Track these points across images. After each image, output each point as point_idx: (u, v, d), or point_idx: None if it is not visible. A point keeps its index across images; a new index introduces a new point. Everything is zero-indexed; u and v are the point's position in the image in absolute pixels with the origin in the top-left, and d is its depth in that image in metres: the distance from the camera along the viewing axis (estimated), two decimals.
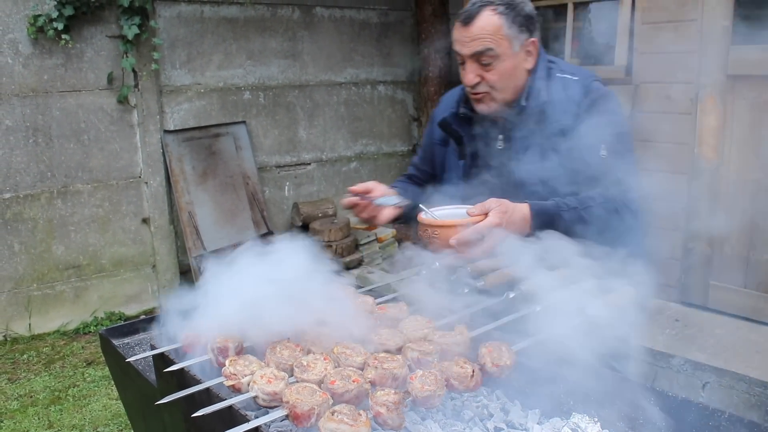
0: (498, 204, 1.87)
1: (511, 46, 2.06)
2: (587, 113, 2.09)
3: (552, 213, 1.96)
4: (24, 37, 4.99)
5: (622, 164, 2.06)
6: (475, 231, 1.82)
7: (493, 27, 2.03)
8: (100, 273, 5.58)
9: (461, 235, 1.82)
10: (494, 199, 1.89)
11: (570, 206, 1.97)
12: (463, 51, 2.08)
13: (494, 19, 2.03)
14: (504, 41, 2.04)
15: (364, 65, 6.93)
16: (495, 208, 1.85)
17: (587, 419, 1.59)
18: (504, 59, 2.06)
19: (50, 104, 5.18)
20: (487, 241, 1.83)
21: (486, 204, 1.87)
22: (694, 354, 3.88)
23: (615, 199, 2.00)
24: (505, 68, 2.08)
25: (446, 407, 1.74)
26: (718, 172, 4.36)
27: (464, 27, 2.06)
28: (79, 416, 4.10)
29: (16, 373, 4.67)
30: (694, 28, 4.34)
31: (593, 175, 2.05)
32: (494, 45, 2.03)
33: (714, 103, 4.30)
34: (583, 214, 1.98)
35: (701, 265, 4.53)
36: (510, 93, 2.12)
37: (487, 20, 2.03)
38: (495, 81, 2.08)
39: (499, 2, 2.05)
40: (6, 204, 5.10)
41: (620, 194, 2.01)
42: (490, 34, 2.03)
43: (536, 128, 2.13)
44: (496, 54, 2.04)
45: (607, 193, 2.01)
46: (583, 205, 1.99)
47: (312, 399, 1.35)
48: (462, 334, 1.64)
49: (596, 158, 2.05)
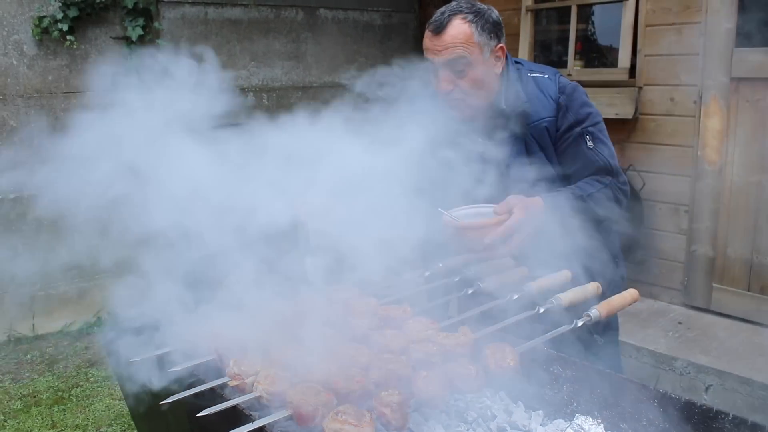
0: (519, 201, 1.94)
1: (482, 52, 2.10)
2: (567, 108, 2.17)
3: (562, 203, 2.02)
4: (29, 38, 5.01)
5: (607, 151, 2.20)
6: (507, 229, 1.89)
7: (465, 35, 2.07)
8: (104, 274, 5.58)
9: (494, 235, 1.88)
10: (513, 196, 1.95)
11: (576, 195, 2.08)
12: (436, 59, 2.11)
13: (465, 28, 2.07)
14: (475, 48, 2.08)
15: (367, 67, 6.93)
16: (518, 205, 1.93)
17: (591, 420, 1.59)
18: (476, 66, 2.10)
19: (55, 105, 5.19)
20: (515, 238, 1.88)
21: (508, 202, 1.94)
22: (697, 357, 3.88)
23: (611, 185, 2.16)
24: (477, 75, 2.11)
25: (450, 408, 1.74)
26: (721, 174, 4.36)
27: (436, 36, 2.10)
28: (82, 416, 4.11)
29: (20, 373, 4.68)
30: (697, 31, 4.34)
31: (584, 166, 2.17)
32: (466, 53, 2.07)
33: (717, 106, 4.30)
34: (588, 201, 2.10)
35: (704, 268, 4.53)
36: (483, 98, 2.17)
37: (458, 29, 2.07)
38: (468, 88, 2.12)
39: (468, 11, 2.09)
40: (10, 205, 5.11)
41: (614, 179, 2.17)
42: (462, 42, 2.06)
43: (519, 128, 2.18)
44: (469, 61, 2.08)
45: (604, 180, 2.16)
46: (587, 193, 2.11)
47: (316, 399, 1.36)
48: (466, 336, 1.65)
49: (585, 150, 2.16)
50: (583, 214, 2.07)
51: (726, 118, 4.28)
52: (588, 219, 2.10)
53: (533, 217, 1.95)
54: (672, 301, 4.74)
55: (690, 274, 4.61)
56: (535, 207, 1.97)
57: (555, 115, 2.17)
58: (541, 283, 2.00)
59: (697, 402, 1.45)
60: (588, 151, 2.16)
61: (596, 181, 2.16)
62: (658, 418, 1.50)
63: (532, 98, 2.17)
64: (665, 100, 4.58)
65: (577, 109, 2.18)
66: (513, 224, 1.89)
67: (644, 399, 1.52)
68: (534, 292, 1.97)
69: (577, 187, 2.12)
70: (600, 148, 2.17)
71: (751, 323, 4.28)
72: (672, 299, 4.74)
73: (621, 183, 2.20)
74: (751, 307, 4.31)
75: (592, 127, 2.18)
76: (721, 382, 3.70)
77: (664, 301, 4.76)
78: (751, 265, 4.30)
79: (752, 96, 4.16)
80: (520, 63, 2.28)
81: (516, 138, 2.19)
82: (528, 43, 5.43)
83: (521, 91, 2.17)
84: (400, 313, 1.83)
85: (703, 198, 4.46)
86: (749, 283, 4.32)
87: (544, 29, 5.65)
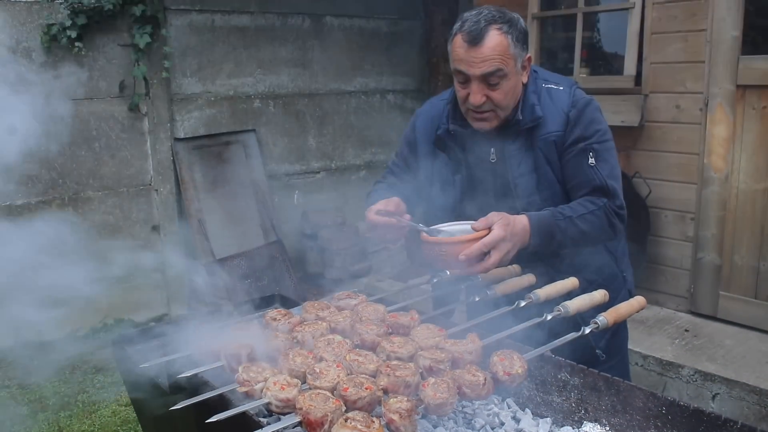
0: (500, 217, 1.91)
1: (516, 64, 2.06)
2: (576, 123, 2.14)
3: (549, 223, 2.02)
4: (37, 46, 5.04)
5: (608, 171, 2.14)
6: (482, 245, 1.86)
7: (502, 47, 2.01)
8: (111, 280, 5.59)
9: (469, 251, 1.85)
10: (495, 213, 1.93)
11: (565, 215, 2.04)
12: (472, 71, 2.03)
13: (502, 39, 2.01)
14: (510, 60, 2.04)
15: (373, 74, 6.96)
16: (498, 222, 1.90)
17: (599, 428, 1.59)
18: (510, 78, 2.06)
19: (62, 112, 5.22)
20: (493, 254, 1.87)
21: (488, 218, 1.91)
22: (704, 364, 3.87)
23: (605, 207, 2.10)
24: (509, 86, 2.08)
25: (457, 415, 1.75)
26: (727, 181, 4.35)
27: (472, 47, 2.01)
28: (88, 422, 4.12)
29: (27, 379, 4.69)
30: (703, 38, 4.34)
31: (581, 183, 2.13)
32: (503, 65, 2.02)
33: (724, 113, 4.30)
34: (577, 222, 2.06)
35: (711, 275, 4.52)
36: (510, 110, 2.13)
37: (495, 40, 2.00)
38: (500, 100, 2.07)
39: (501, 20, 2.03)
40: (18, 210, 5.14)
41: (609, 201, 2.11)
42: (500, 54, 2.01)
43: (529, 140, 2.16)
44: (504, 74, 2.04)
45: (598, 201, 2.11)
46: (577, 214, 2.06)
47: (325, 406, 1.36)
48: (474, 342, 1.65)
49: (585, 167, 2.12)
50: (572, 235, 2.05)
51: (732, 126, 4.28)
52: (576, 240, 2.08)
53: (514, 235, 1.91)
54: (678, 308, 4.72)
55: (696, 282, 4.60)
56: (518, 225, 1.94)
57: (563, 129, 2.13)
58: (548, 291, 2.01)
59: (706, 410, 1.45)
60: (588, 169, 2.11)
61: (590, 202, 2.10)
62: (667, 426, 1.50)
63: (545, 111, 2.14)
64: (671, 107, 4.58)
65: (585, 125, 2.13)
66: (490, 241, 1.85)
67: (653, 407, 1.52)
68: (541, 300, 1.98)
69: (567, 207, 2.07)
70: (601, 167, 2.11)
71: (758, 331, 4.27)
72: (678, 306, 4.73)
73: (617, 207, 2.13)
74: (758, 314, 4.29)
75: (597, 145, 2.13)
76: (729, 390, 3.68)
77: (671, 309, 4.74)
78: (758, 273, 4.29)
79: (758, 103, 4.16)
80: (535, 71, 2.23)
81: (525, 151, 2.16)
82: (534, 51, 5.44)
83: (537, 103, 2.14)
84: (408, 319, 1.83)
85: (709, 205, 4.46)
86: (756, 290, 4.31)
87: (550, 37, 5.67)
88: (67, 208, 5.33)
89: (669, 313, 4.68)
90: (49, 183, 5.24)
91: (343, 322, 1.79)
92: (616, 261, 2.31)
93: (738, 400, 3.65)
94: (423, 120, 2.39)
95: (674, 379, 3.90)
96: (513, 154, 2.16)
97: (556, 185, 2.16)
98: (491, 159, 2.20)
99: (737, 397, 3.65)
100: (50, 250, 2.03)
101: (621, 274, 2.33)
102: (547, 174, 2.15)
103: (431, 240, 1.92)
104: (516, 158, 2.16)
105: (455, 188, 2.26)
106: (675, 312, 4.70)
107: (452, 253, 1.86)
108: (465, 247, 1.85)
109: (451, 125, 2.21)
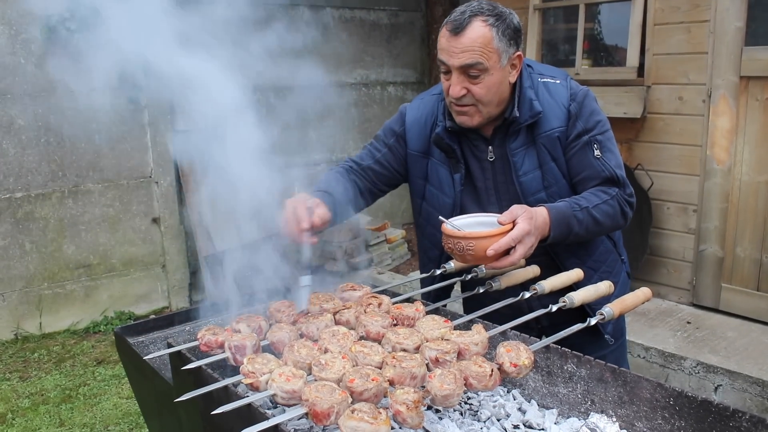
0: (523, 211, 1.90)
1: (500, 59, 2.00)
2: (577, 116, 2.12)
3: (567, 214, 2.00)
4: (36, 37, 5.01)
5: (615, 161, 2.15)
6: (511, 240, 1.84)
7: (484, 39, 1.96)
8: (111, 272, 5.59)
9: (498, 245, 1.83)
10: (518, 206, 1.92)
11: (581, 206, 2.04)
12: (451, 62, 2.00)
13: (485, 31, 1.96)
14: (493, 55, 1.98)
15: (374, 66, 6.93)
16: (522, 215, 1.88)
17: (605, 419, 1.58)
18: (492, 73, 2.00)
19: (62, 104, 5.20)
20: (519, 248, 1.86)
21: (512, 212, 1.89)
22: (706, 356, 3.87)
23: (617, 196, 2.12)
24: (492, 82, 2.02)
25: (463, 407, 1.74)
26: (730, 173, 4.34)
27: (454, 37, 1.98)
28: (90, 415, 4.11)
29: (28, 372, 4.68)
30: (706, 29, 4.32)
31: (590, 175, 2.13)
32: (484, 59, 1.97)
33: (727, 105, 4.29)
34: (593, 212, 2.06)
35: (713, 268, 4.51)
36: (494, 107, 2.08)
37: (477, 32, 1.96)
38: (482, 95, 2.02)
39: (489, 13, 1.98)
40: (18, 203, 5.12)
41: (620, 190, 2.14)
42: (481, 46, 1.96)
43: (530, 136, 2.14)
44: (485, 67, 1.98)
45: (610, 191, 2.12)
46: (592, 204, 2.07)
47: (331, 397, 1.35)
48: (480, 334, 1.64)
49: (592, 159, 2.12)
50: (587, 226, 2.05)
51: (735, 117, 4.27)
52: (592, 230, 2.08)
53: (537, 228, 1.91)
54: (680, 300, 4.72)
55: (698, 274, 4.59)
56: (540, 218, 1.93)
57: (566, 124, 2.11)
58: (553, 282, 2.00)
59: (714, 401, 1.44)
60: (595, 161, 2.10)
61: (602, 192, 2.10)
62: (674, 417, 1.49)
63: (544, 106, 2.11)
64: (674, 99, 4.57)
65: (586, 117, 2.12)
66: (517, 235, 1.84)
67: (660, 398, 1.51)
68: (546, 291, 1.97)
69: (582, 198, 2.08)
70: (607, 158, 2.12)
71: (760, 323, 4.27)
72: (680, 299, 4.72)
73: (627, 195, 2.15)
74: (760, 306, 4.29)
75: (600, 136, 2.12)
76: (731, 382, 3.68)
77: (673, 301, 4.74)
78: (760, 265, 4.28)
79: (762, 95, 4.14)
80: (530, 66, 2.19)
81: (527, 148, 2.13)
82: (536, 42, 5.42)
83: (535, 99, 2.11)
84: (413, 310, 1.82)
85: (711, 197, 4.45)
86: (758, 282, 4.30)
87: (551, 28, 5.64)
88: (66, 201, 5.31)
89: (671, 305, 4.68)
90: (49, 175, 5.22)
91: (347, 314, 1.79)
92: (615, 245, 2.32)
93: (740, 392, 3.65)
94: (413, 117, 2.31)
95: (676, 371, 3.90)
96: (515, 152, 2.13)
97: (561, 180, 2.14)
98: (489, 158, 2.17)
99: (740, 388, 3.65)
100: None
101: (620, 258, 2.35)
102: (553, 170, 2.13)
103: (457, 234, 1.88)
104: (519, 156, 2.13)
105: (455, 187, 2.22)
106: (677, 304, 4.70)
107: (480, 248, 1.84)
108: (492, 242, 1.83)
109: (449, 122, 2.17)
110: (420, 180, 2.31)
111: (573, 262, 2.17)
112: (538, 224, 1.92)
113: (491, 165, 2.18)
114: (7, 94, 4.99)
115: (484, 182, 2.20)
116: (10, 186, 5.08)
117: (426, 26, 7.09)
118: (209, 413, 1.38)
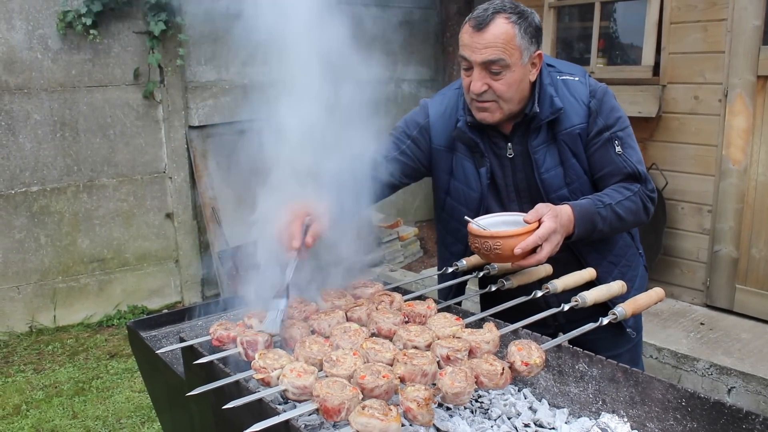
0: (548, 209, 1.90)
1: (521, 57, 2.01)
2: (598, 113, 2.12)
3: (591, 211, 2.02)
4: (53, 33, 5.05)
5: (636, 157, 2.16)
6: (538, 238, 1.85)
7: (507, 36, 1.97)
8: (124, 267, 5.63)
9: (525, 244, 1.83)
10: (543, 204, 1.93)
11: (605, 203, 2.05)
12: (474, 57, 2.01)
13: (508, 28, 1.97)
14: (515, 52, 1.99)
15: (388, 63, 6.93)
16: (547, 213, 1.89)
17: (617, 419, 1.58)
18: (513, 69, 2.01)
19: (77, 99, 5.24)
20: (545, 247, 1.87)
21: (538, 210, 1.90)
22: (720, 358, 3.84)
23: (640, 192, 2.13)
24: (513, 79, 2.02)
25: (473, 405, 1.74)
26: (746, 173, 4.30)
27: (476, 33, 1.99)
28: (102, 407, 4.15)
29: (42, 364, 4.73)
30: (723, 28, 4.28)
31: (612, 172, 2.14)
32: (506, 55, 1.98)
33: (743, 104, 4.25)
34: (617, 208, 2.07)
35: (728, 269, 4.48)
36: (515, 104, 2.08)
37: (500, 28, 1.97)
38: (503, 91, 2.03)
39: (512, 11, 2.00)
40: (33, 197, 5.16)
41: (642, 186, 2.14)
42: (503, 43, 1.97)
43: (551, 133, 2.14)
44: (507, 64, 1.99)
45: (632, 187, 2.12)
46: (615, 200, 2.07)
47: (342, 393, 1.35)
48: (491, 332, 1.64)
49: (613, 156, 2.12)
50: (611, 222, 2.05)
51: (752, 117, 4.23)
52: (615, 227, 2.09)
53: (562, 226, 1.92)
54: (694, 301, 4.69)
55: (713, 275, 4.56)
56: (564, 216, 1.94)
57: (587, 121, 2.12)
58: (565, 281, 1.99)
59: (727, 402, 1.43)
60: (616, 157, 2.11)
61: (624, 188, 2.11)
62: (686, 418, 1.48)
63: (564, 103, 2.11)
64: (689, 98, 4.53)
65: (607, 114, 2.12)
66: (544, 233, 1.85)
67: (672, 398, 1.50)
68: (558, 290, 1.96)
69: (605, 195, 2.08)
70: (629, 154, 2.13)
71: None
72: (694, 299, 4.69)
73: (649, 191, 2.16)
74: None
75: (621, 132, 2.13)
76: (745, 384, 3.65)
77: (686, 302, 4.71)
78: None
79: None
80: (550, 65, 2.19)
81: (549, 145, 2.13)
82: (550, 40, 5.39)
83: (555, 95, 2.11)
84: (425, 308, 1.82)
85: (727, 198, 4.41)
86: None
87: (566, 26, 5.61)
88: (81, 195, 5.35)
89: (684, 306, 4.65)
90: (64, 170, 5.26)
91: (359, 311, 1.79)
92: (633, 239, 2.32)
93: (754, 394, 3.62)
94: (437, 111, 2.31)
95: (689, 372, 3.87)
96: (536, 149, 2.13)
97: (583, 177, 2.15)
98: (508, 155, 2.17)
99: (753, 391, 3.62)
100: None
101: (638, 251, 2.36)
102: (574, 167, 2.13)
103: (484, 234, 1.89)
104: (540, 153, 2.13)
105: (481, 181, 2.22)
106: (690, 305, 4.67)
107: (507, 247, 1.84)
108: (519, 240, 1.83)
109: (469, 117, 2.17)
110: (445, 175, 2.31)
111: (594, 258, 2.18)
112: (563, 222, 1.93)
113: (510, 162, 2.18)
114: (24, 89, 5.03)
115: (504, 179, 2.20)
116: (26, 180, 5.13)
117: (440, 24, 7.08)
118: (220, 408, 1.39)
